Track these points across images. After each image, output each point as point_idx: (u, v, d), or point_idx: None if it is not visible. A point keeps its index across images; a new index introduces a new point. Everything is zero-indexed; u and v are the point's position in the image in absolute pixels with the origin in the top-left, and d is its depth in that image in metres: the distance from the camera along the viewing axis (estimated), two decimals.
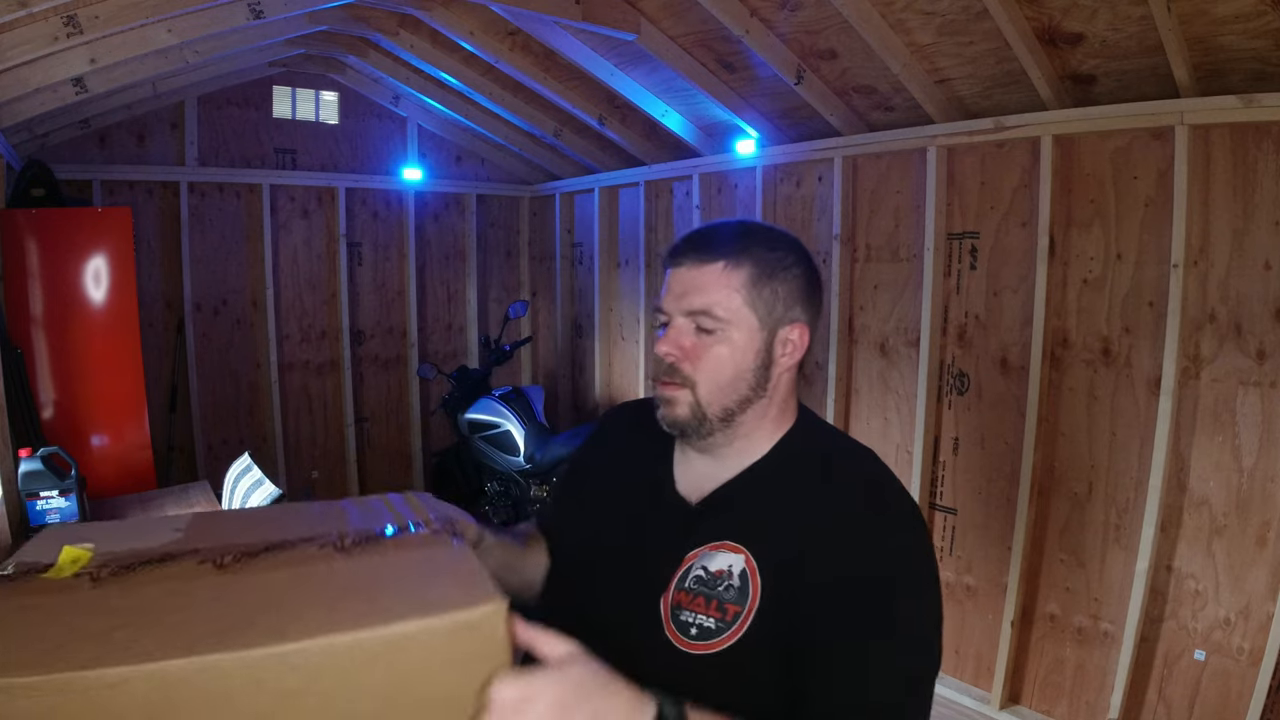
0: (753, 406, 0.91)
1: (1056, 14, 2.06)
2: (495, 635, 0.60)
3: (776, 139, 3.17)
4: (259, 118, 3.89)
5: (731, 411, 0.90)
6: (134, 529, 0.78)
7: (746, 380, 0.89)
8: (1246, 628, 2.04)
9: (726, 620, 0.83)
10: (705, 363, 0.89)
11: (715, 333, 0.88)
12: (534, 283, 4.91)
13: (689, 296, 0.89)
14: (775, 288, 0.89)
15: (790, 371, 0.93)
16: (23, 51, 2.07)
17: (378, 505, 0.84)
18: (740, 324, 0.88)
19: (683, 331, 0.89)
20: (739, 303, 0.88)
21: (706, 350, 0.89)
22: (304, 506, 0.87)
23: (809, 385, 3.19)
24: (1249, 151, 2.01)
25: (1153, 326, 2.20)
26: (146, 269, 3.60)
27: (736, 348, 0.88)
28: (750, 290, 0.88)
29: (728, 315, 0.88)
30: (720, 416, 0.90)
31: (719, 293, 0.88)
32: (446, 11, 2.86)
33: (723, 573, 0.85)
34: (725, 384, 0.89)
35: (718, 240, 0.90)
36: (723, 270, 0.88)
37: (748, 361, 0.89)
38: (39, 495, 1.93)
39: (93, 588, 0.61)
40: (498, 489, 3.77)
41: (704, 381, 0.89)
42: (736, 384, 0.89)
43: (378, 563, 0.69)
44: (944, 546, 2.75)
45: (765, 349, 0.90)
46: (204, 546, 0.70)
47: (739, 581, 0.84)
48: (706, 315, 0.88)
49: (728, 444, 0.92)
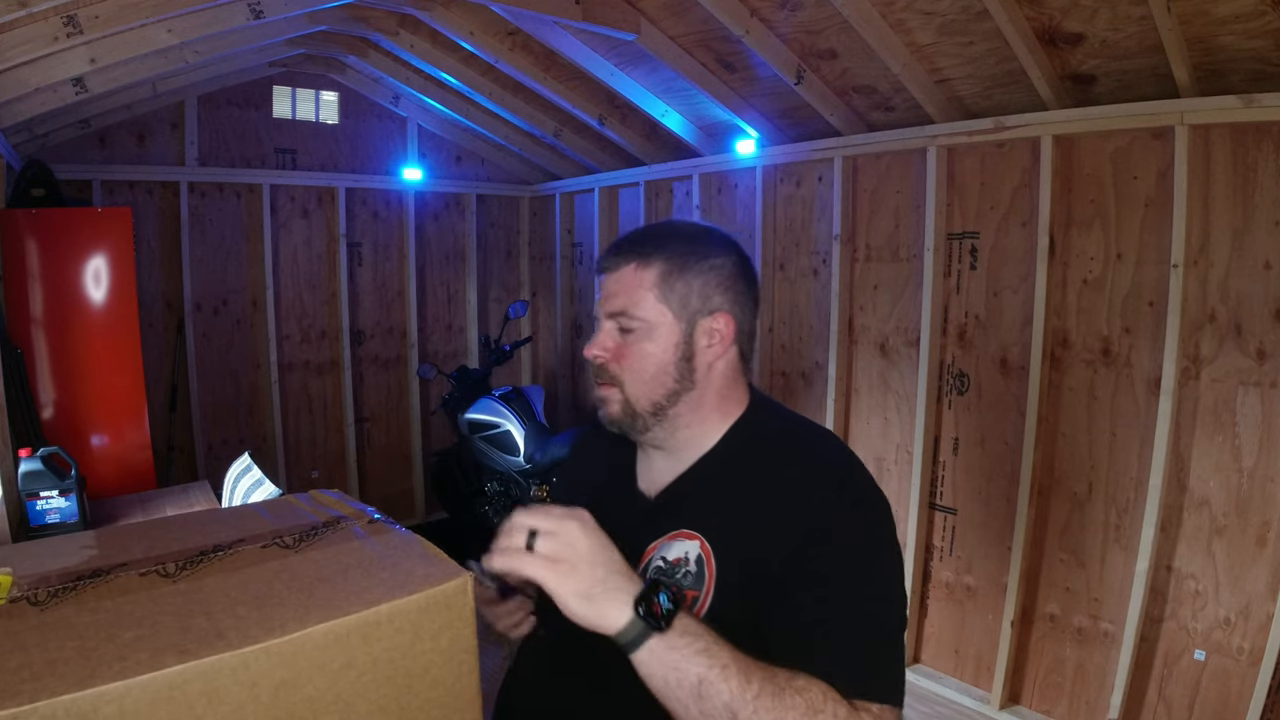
0: (683, 399, 0.93)
1: (1056, 14, 2.06)
2: (464, 607, 0.64)
3: (776, 139, 3.17)
4: (259, 118, 3.89)
5: (660, 405, 0.93)
6: (39, 550, 0.75)
7: (670, 374, 0.93)
8: (1246, 628, 2.04)
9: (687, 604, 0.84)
10: (629, 361, 0.93)
11: (635, 331, 0.92)
12: (534, 283, 4.91)
13: (609, 299, 0.94)
14: (689, 281, 0.92)
15: (724, 359, 0.95)
16: (23, 51, 2.07)
17: (289, 505, 0.84)
18: (656, 320, 0.92)
19: (608, 333, 0.94)
20: (652, 300, 0.92)
21: (629, 349, 0.93)
22: (209, 513, 0.88)
23: (809, 385, 3.19)
24: (1249, 151, 2.01)
25: (1153, 326, 2.20)
26: (146, 269, 3.59)
27: (656, 343, 0.92)
28: (661, 286, 0.92)
29: (642, 313, 0.92)
30: (650, 411, 0.93)
31: (633, 293, 0.92)
32: (446, 11, 2.86)
33: (680, 560, 0.88)
34: (649, 379, 0.92)
35: (633, 242, 0.95)
36: (634, 270, 0.92)
37: (669, 355, 0.92)
38: (39, 495, 1.93)
39: (41, 611, 0.59)
40: (498, 489, 3.77)
41: (630, 379, 0.93)
42: (660, 378, 0.92)
43: (334, 554, 0.70)
44: (944, 546, 2.75)
45: (685, 341, 0.93)
46: (131, 559, 0.69)
47: (695, 567, 0.87)
48: (624, 315, 0.92)
49: (672, 436, 0.95)
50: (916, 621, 2.82)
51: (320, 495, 0.88)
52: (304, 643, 0.56)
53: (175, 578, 0.65)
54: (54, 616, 0.59)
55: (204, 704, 0.53)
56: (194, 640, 0.55)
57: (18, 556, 0.72)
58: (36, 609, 0.60)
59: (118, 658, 0.52)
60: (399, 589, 0.62)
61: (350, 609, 0.59)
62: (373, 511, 0.81)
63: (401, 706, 0.62)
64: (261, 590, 0.62)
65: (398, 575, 0.65)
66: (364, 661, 0.59)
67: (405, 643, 0.62)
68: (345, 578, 0.65)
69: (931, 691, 2.68)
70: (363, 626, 0.59)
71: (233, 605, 0.60)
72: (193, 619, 0.58)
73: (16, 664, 0.52)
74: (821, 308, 3.10)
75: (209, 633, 0.56)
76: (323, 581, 0.64)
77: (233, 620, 0.57)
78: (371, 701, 0.60)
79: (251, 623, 0.57)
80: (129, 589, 0.63)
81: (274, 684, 0.55)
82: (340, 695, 0.58)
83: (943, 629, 2.77)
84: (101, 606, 0.60)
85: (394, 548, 0.70)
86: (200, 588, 0.63)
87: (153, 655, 0.53)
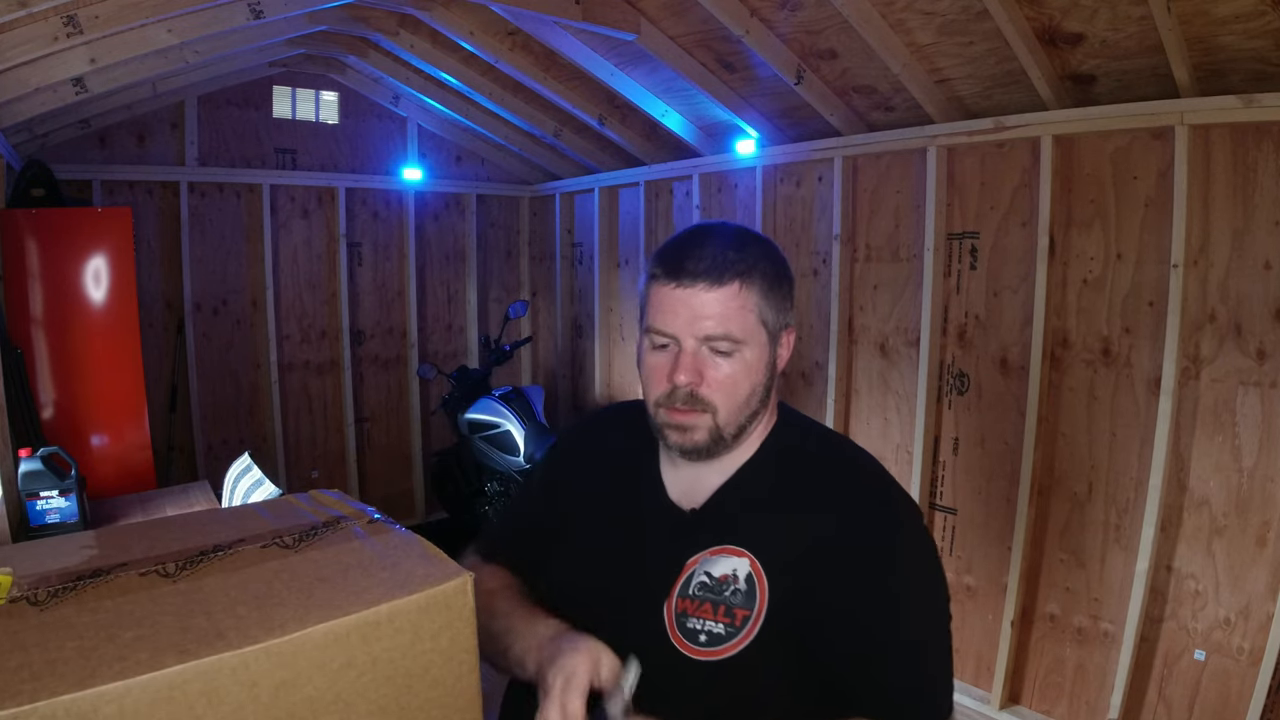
0: (760, 416, 0.91)
1: (1056, 14, 2.06)
2: (464, 607, 0.64)
3: (776, 139, 3.17)
4: (259, 118, 3.89)
5: (744, 427, 0.89)
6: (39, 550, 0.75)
7: (759, 395, 0.89)
8: (1246, 628, 2.04)
9: (736, 625, 0.83)
10: (724, 385, 0.86)
11: (732, 355, 0.86)
12: (534, 283, 4.91)
13: (703, 321, 0.84)
14: (780, 299, 0.89)
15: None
16: (23, 51, 2.07)
17: (289, 505, 0.84)
18: (753, 341, 0.87)
19: (699, 357, 0.86)
20: (754, 321, 0.86)
21: (723, 372, 0.86)
22: (209, 513, 0.87)
23: (809, 385, 3.19)
24: (1249, 152, 2.01)
25: (1153, 326, 2.20)
26: (146, 269, 3.59)
27: (750, 365, 0.87)
28: (762, 307, 0.87)
29: (744, 335, 0.86)
30: (735, 434, 0.89)
31: (737, 316, 0.85)
32: (446, 11, 2.86)
33: (727, 577, 0.85)
34: (742, 402, 0.88)
35: (725, 259, 0.85)
36: (738, 291, 0.85)
37: (760, 376, 0.88)
38: (39, 495, 1.93)
39: (41, 611, 0.59)
40: (498, 489, 3.77)
41: (723, 404, 0.87)
42: (750, 400, 0.88)
43: (334, 554, 0.70)
44: (944, 546, 2.75)
45: (772, 359, 0.90)
46: (131, 558, 0.69)
47: (745, 585, 0.84)
48: (727, 340, 0.85)
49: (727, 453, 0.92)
50: None
51: (320, 495, 0.88)
52: (304, 643, 0.56)
53: (175, 578, 0.65)
54: (54, 616, 0.59)
55: (204, 704, 0.53)
56: (194, 640, 0.55)
57: (18, 556, 0.72)
58: (36, 609, 0.60)
59: (118, 658, 0.52)
60: (399, 589, 0.62)
61: (350, 609, 0.59)
62: (373, 511, 0.81)
63: (401, 706, 0.62)
64: (261, 590, 0.62)
65: (398, 575, 0.65)
66: (364, 661, 0.59)
67: (405, 643, 0.61)
68: (345, 578, 0.65)
69: None
70: (363, 626, 0.59)
71: (233, 605, 0.60)
72: (193, 619, 0.58)
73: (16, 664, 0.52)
74: (821, 308, 3.10)
75: (209, 633, 0.56)
76: (323, 581, 0.64)
77: (233, 620, 0.57)
78: (371, 701, 0.60)
79: (251, 623, 0.57)
80: (129, 589, 0.63)
81: (274, 684, 0.55)
82: (340, 695, 0.58)
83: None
84: (101, 606, 0.60)
85: (394, 548, 0.70)
86: (200, 588, 0.63)
87: (153, 655, 0.53)
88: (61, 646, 0.54)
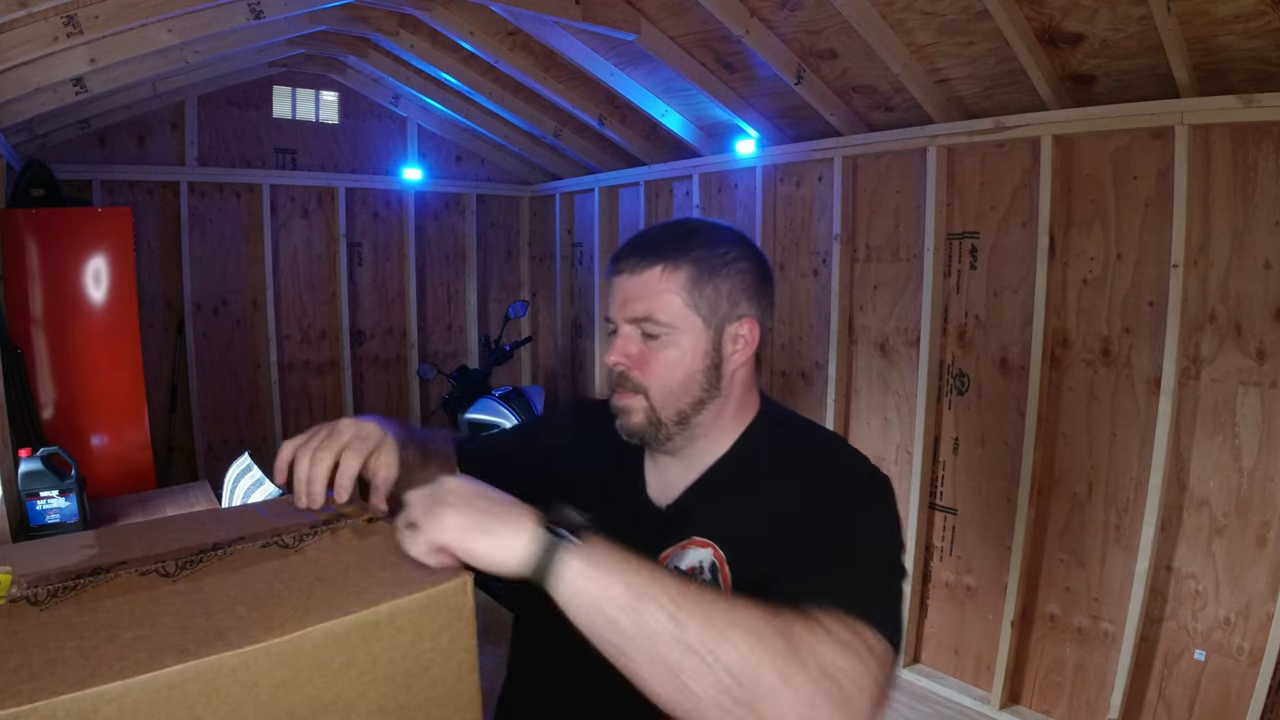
0: (708, 406, 0.90)
1: (1056, 14, 2.06)
2: (464, 607, 0.64)
3: (776, 139, 3.17)
4: (259, 118, 3.89)
5: (686, 414, 0.90)
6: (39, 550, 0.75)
7: (698, 382, 0.89)
8: (1246, 628, 2.04)
9: None
10: (654, 368, 0.88)
11: (660, 338, 0.88)
12: (534, 283, 4.91)
13: (631, 303, 0.88)
14: (718, 285, 0.88)
15: (745, 367, 0.93)
16: (23, 51, 2.07)
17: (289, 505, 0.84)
18: (684, 326, 0.87)
19: (629, 339, 0.89)
20: (680, 305, 0.87)
21: (654, 356, 0.88)
22: (209, 512, 0.87)
23: (809, 385, 3.19)
24: (1249, 151, 2.01)
25: (1153, 326, 2.20)
26: (146, 269, 3.59)
27: (684, 350, 0.88)
28: (691, 291, 0.87)
29: (670, 319, 0.87)
30: (675, 420, 0.89)
31: (660, 297, 0.87)
32: (446, 11, 2.86)
33: (694, 569, 0.86)
34: (676, 387, 0.88)
35: (657, 243, 0.90)
36: (661, 274, 0.87)
37: (697, 363, 0.88)
38: (39, 495, 1.93)
39: (41, 610, 0.59)
40: None
41: (655, 387, 0.88)
42: (688, 386, 0.89)
43: (334, 553, 0.70)
44: (944, 547, 2.75)
45: (714, 348, 0.89)
46: (131, 557, 0.69)
47: (709, 575, 0.85)
48: (649, 321, 0.87)
49: (689, 444, 0.92)
50: (916, 621, 2.82)
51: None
52: (304, 642, 0.56)
53: (175, 577, 0.65)
54: (54, 616, 0.58)
55: (204, 704, 0.53)
56: (194, 640, 0.55)
57: (18, 556, 0.72)
58: (36, 609, 0.60)
59: (117, 657, 0.52)
60: (399, 588, 0.62)
61: (350, 609, 0.59)
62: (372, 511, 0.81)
63: (401, 706, 0.62)
64: (261, 590, 0.62)
65: (398, 575, 0.65)
66: (364, 661, 0.59)
67: (405, 642, 0.61)
68: (345, 577, 0.65)
69: (931, 691, 2.68)
70: (362, 626, 0.59)
71: (232, 605, 0.60)
72: (192, 619, 0.58)
73: (16, 664, 0.52)
74: (821, 308, 3.10)
75: (209, 632, 0.56)
76: (322, 581, 0.64)
77: (233, 620, 0.57)
78: (371, 701, 0.60)
79: (251, 622, 0.57)
80: (129, 588, 0.63)
81: (274, 684, 0.55)
82: (340, 695, 0.58)
83: (943, 629, 2.77)
84: (101, 606, 0.60)
85: (394, 547, 0.70)
86: (200, 587, 0.63)
87: (152, 655, 0.53)
88: (61, 646, 0.54)
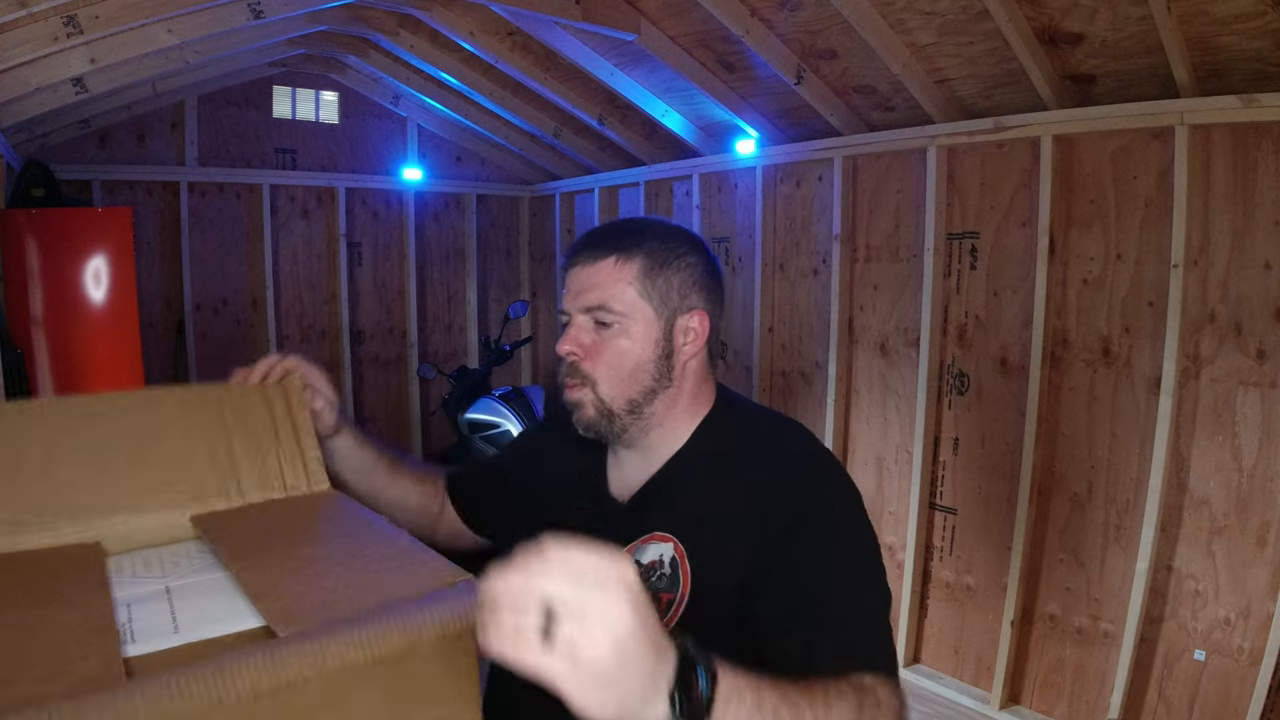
0: (659, 397, 0.92)
1: (1056, 14, 2.06)
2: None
3: (776, 139, 3.17)
4: (259, 118, 3.89)
5: (637, 404, 0.91)
6: None
7: (649, 371, 0.91)
8: (1246, 628, 2.04)
9: (662, 608, 0.85)
10: (605, 357, 0.90)
11: (613, 326, 0.90)
12: (534, 283, 4.91)
13: (585, 293, 0.90)
14: (669, 277, 0.91)
15: (697, 359, 0.95)
16: (23, 51, 2.07)
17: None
18: (636, 315, 0.90)
19: (583, 329, 0.91)
20: (633, 294, 0.90)
21: (606, 345, 0.90)
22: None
23: (809, 385, 3.19)
24: (1249, 151, 2.01)
25: (1153, 326, 2.20)
26: (146, 269, 3.59)
27: (635, 339, 0.90)
28: (643, 281, 0.90)
29: (623, 308, 0.89)
30: (626, 410, 0.91)
31: (613, 286, 0.89)
32: (446, 11, 2.86)
33: (655, 563, 0.87)
34: (626, 376, 0.90)
35: (611, 236, 0.93)
36: (615, 264, 0.90)
37: (648, 352, 0.90)
38: None
39: None
40: None
41: (604, 377, 0.90)
42: (638, 375, 0.90)
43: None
44: (944, 546, 2.75)
45: (665, 338, 0.91)
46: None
47: (670, 569, 0.86)
48: (603, 309, 0.89)
49: (645, 436, 0.94)
50: (916, 621, 2.82)
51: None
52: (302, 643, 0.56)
53: None
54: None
55: None
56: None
57: None
58: None
59: None
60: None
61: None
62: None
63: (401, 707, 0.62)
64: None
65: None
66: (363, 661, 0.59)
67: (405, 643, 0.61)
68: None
69: (931, 691, 2.68)
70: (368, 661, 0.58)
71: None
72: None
73: None
74: (821, 308, 3.10)
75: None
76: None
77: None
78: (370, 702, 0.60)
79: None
80: None
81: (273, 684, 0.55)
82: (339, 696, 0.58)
83: (943, 629, 2.77)
84: None
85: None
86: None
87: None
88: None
